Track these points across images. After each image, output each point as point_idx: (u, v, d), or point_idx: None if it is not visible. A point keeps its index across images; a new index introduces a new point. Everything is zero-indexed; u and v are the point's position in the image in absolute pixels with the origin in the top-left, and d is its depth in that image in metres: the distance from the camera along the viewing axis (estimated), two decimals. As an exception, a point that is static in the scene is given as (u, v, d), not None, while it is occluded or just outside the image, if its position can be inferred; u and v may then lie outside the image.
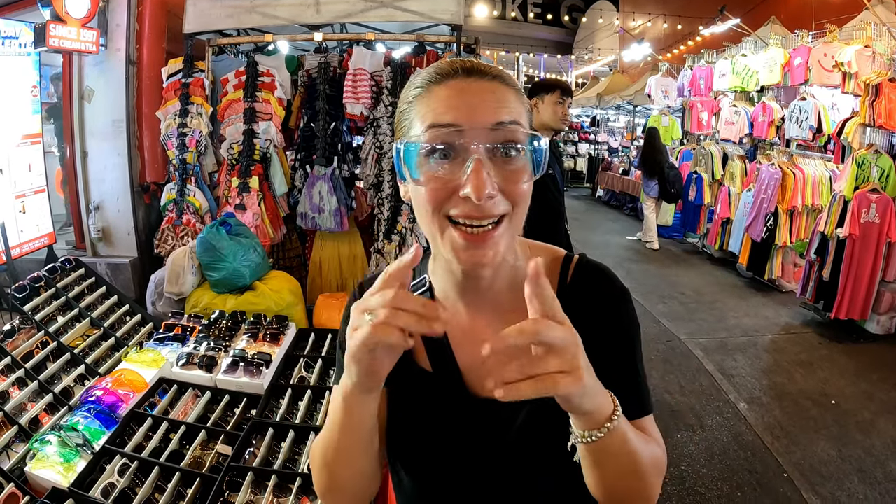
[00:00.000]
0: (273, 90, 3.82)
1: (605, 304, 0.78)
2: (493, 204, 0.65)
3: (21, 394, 1.98)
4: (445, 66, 0.69)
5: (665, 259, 7.10)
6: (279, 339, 2.44)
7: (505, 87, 0.69)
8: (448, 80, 0.68)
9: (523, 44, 17.63)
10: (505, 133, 0.65)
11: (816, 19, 6.18)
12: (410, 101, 0.70)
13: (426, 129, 0.66)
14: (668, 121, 8.37)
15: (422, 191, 0.67)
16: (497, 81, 0.68)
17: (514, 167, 0.66)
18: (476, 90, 0.67)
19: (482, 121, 0.65)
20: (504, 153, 0.65)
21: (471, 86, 0.67)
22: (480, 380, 0.78)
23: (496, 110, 0.66)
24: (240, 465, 1.65)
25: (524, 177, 0.66)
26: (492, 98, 0.67)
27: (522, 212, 0.69)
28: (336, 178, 3.85)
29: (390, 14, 3.73)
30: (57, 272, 2.71)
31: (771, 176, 5.49)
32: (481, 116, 0.65)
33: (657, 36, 13.13)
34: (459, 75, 0.68)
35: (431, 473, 0.81)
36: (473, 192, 0.62)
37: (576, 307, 0.75)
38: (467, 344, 0.79)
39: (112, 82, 3.92)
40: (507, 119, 0.66)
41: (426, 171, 0.66)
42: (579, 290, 0.78)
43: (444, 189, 0.65)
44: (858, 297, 4.35)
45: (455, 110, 0.65)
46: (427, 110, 0.67)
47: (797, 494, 2.66)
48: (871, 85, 4.19)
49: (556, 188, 2.74)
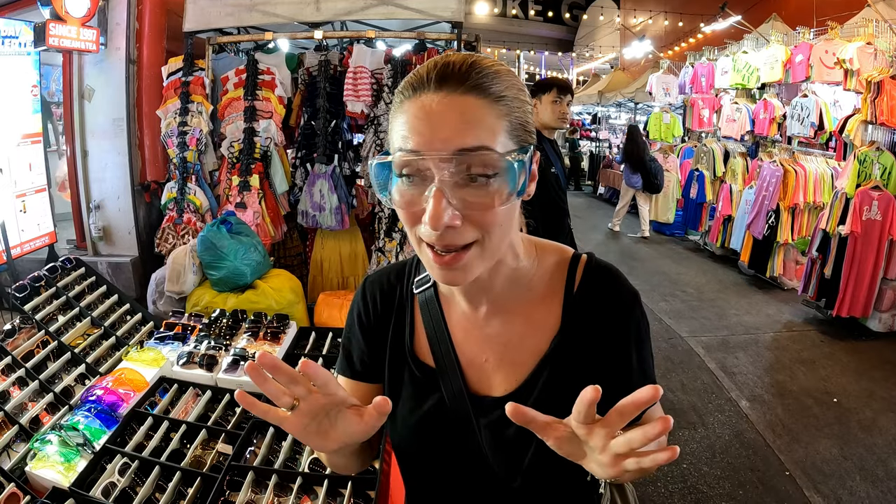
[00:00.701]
0: (273, 88, 3.82)
1: (614, 308, 0.77)
2: (455, 233, 0.62)
3: (22, 393, 1.98)
4: (422, 74, 0.64)
5: (667, 257, 7.09)
6: (280, 338, 2.44)
7: (479, 102, 0.62)
8: (419, 93, 0.63)
9: (524, 41, 17.62)
10: (469, 160, 0.60)
11: (818, 16, 6.16)
12: (393, 113, 0.68)
13: (394, 153, 0.64)
14: (670, 118, 8.35)
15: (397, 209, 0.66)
16: (472, 95, 0.62)
17: (483, 193, 0.61)
18: (442, 109, 0.61)
19: (442, 147, 0.60)
20: (472, 179, 0.61)
21: (439, 103, 0.62)
22: (480, 376, 0.79)
23: (460, 134, 0.60)
24: (240, 464, 1.65)
25: (496, 202, 0.62)
26: (457, 119, 0.61)
27: (498, 235, 0.66)
28: (337, 176, 3.84)
29: (391, 11, 3.72)
30: (57, 271, 2.71)
31: (772, 173, 5.48)
32: (442, 142, 0.60)
33: (658, 33, 13.11)
34: (431, 88, 0.62)
35: (432, 465, 0.82)
36: (430, 222, 0.60)
37: (585, 311, 0.77)
38: (468, 341, 0.79)
39: (112, 81, 3.92)
40: (472, 144, 0.60)
41: (396, 192, 0.64)
42: (588, 294, 0.78)
43: (412, 213, 0.64)
44: (860, 295, 4.34)
45: (418, 135, 0.61)
46: (397, 130, 0.64)
47: (799, 492, 2.66)
48: (872, 82, 4.17)
49: (559, 186, 2.74)
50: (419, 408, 0.80)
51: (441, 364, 0.79)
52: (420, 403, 0.80)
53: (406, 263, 0.88)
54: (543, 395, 0.75)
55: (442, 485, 0.83)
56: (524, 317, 0.78)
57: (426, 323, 0.81)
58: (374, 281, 0.87)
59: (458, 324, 0.80)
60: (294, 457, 1.74)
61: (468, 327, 0.79)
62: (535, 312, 0.78)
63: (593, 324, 0.76)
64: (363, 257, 4.14)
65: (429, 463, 0.83)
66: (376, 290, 0.86)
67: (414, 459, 0.85)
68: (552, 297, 0.78)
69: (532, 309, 0.78)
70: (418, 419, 0.80)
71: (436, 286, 0.82)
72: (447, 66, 0.63)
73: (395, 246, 3.69)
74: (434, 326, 0.80)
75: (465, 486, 0.80)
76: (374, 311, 0.85)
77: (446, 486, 0.82)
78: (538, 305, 0.78)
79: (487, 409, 0.77)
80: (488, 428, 0.77)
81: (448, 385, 0.78)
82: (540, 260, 0.80)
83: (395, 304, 0.84)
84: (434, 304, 0.81)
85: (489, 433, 0.77)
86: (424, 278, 0.83)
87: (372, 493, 1.55)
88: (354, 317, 0.87)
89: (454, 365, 0.78)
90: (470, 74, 0.63)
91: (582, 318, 0.76)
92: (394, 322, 0.84)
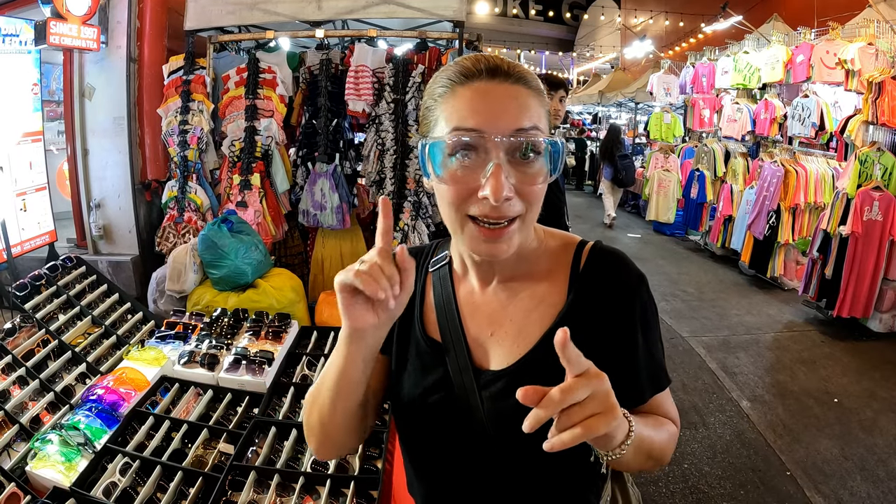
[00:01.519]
0: (274, 87, 3.81)
1: (620, 289, 0.79)
2: (508, 205, 0.68)
3: (22, 393, 1.97)
4: (469, 66, 0.70)
5: (667, 257, 7.09)
6: (281, 337, 2.43)
7: (527, 91, 0.70)
8: (472, 81, 0.70)
9: (525, 41, 17.63)
10: (524, 138, 0.67)
11: (819, 16, 6.17)
12: (436, 99, 0.72)
13: (450, 131, 0.68)
14: (671, 118, 8.34)
15: (444, 188, 0.70)
16: (520, 85, 0.70)
17: (531, 170, 0.69)
18: (499, 95, 0.68)
19: (503, 126, 0.67)
20: (522, 156, 0.68)
21: (494, 89, 0.69)
22: (484, 350, 0.81)
23: (517, 116, 0.68)
24: (242, 464, 1.64)
25: (540, 179, 0.70)
26: (514, 104, 0.68)
27: (536, 210, 0.72)
28: (338, 176, 3.84)
29: (392, 10, 3.71)
30: (58, 270, 2.70)
31: (773, 173, 5.47)
32: (503, 122, 0.67)
33: (659, 33, 13.11)
34: (483, 77, 0.69)
35: (435, 438, 0.84)
36: (492, 195, 0.66)
37: (590, 290, 0.79)
38: (475, 316, 0.83)
39: (113, 80, 3.92)
40: (527, 125, 0.68)
41: (449, 171, 0.69)
42: (593, 275, 0.80)
43: (465, 189, 0.69)
44: (861, 295, 4.34)
45: (478, 115, 0.67)
46: (451, 111, 0.69)
47: (800, 492, 2.66)
48: (874, 82, 4.17)
49: (557, 187, 2.75)
50: (424, 380, 0.83)
51: (447, 338, 0.82)
52: (425, 376, 0.83)
53: (426, 246, 0.93)
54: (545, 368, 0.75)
55: (444, 458, 0.84)
56: (529, 292, 0.81)
57: (437, 298, 0.85)
58: None
59: (467, 300, 0.84)
60: (296, 456, 1.74)
61: (476, 303, 0.83)
62: (539, 288, 0.81)
63: (598, 303, 0.78)
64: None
65: (432, 436, 0.84)
66: None
67: (417, 432, 0.86)
68: (557, 274, 0.81)
69: (536, 285, 0.82)
70: (423, 391, 0.83)
71: (450, 265, 0.86)
72: (492, 61, 0.70)
73: (396, 245, 3.68)
74: (444, 302, 0.84)
75: (468, 460, 0.81)
76: None
77: (449, 460, 0.84)
78: (542, 281, 0.82)
79: (490, 382, 0.79)
80: (490, 401, 0.79)
81: (454, 359, 0.81)
82: (546, 241, 0.84)
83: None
84: (447, 280, 0.85)
85: (491, 406, 0.78)
86: (442, 258, 0.88)
87: (374, 492, 1.54)
88: None
89: (461, 339, 0.81)
90: (514, 70, 0.71)
91: (587, 297, 0.79)
92: None
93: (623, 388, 0.80)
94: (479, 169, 0.67)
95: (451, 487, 0.85)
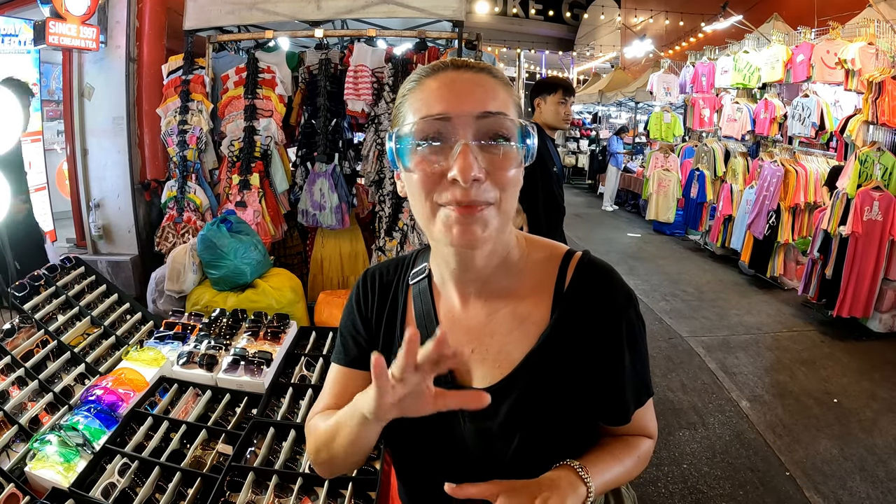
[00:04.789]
0: (274, 87, 3.81)
1: (607, 308, 0.77)
2: (480, 189, 0.67)
3: (21, 393, 1.97)
4: (437, 62, 0.73)
5: (667, 256, 7.08)
6: (280, 338, 2.43)
7: (493, 80, 0.71)
8: (439, 73, 0.71)
9: (525, 40, 17.59)
10: (492, 121, 0.67)
11: (819, 16, 6.15)
12: (405, 95, 0.73)
13: (418, 120, 0.68)
14: (671, 117, 8.33)
15: (414, 178, 0.69)
16: (485, 74, 0.71)
17: (501, 154, 0.68)
18: (465, 80, 0.69)
19: (470, 109, 0.67)
20: (492, 140, 0.68)
21: (460, 76, 0.70)
22: (467, 369, 0.80)
23: (483, 100, 0.68)
24: (241, 464, 1.64)
25: (511, 164, 0.68)
26: (480, 89, 0.69)
27: (511, 197, 0.70)
28: (337, 175, 3.83)
29: (391, 10, 3.71)
30: (57, 270, 2.69)
31: (773, 173, 5.47)
32: (469, 105, 0.67)
33: (659, 32, 13.08)
34: (449, 69, 0.71)
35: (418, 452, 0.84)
36: (459, 173, 0.64)
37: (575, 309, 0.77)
38: (455, 331, 0.81)
39: (112, 79, 3.91)
40: (493, 109, 0.68)
41: (417, 158, 0.68)
42: (579, 293, 0.77)
43: (434, 174, 0.67)
44: (861, 295, 4.34)
45: (444, 101, 0.68)
46: (419, 103, 0.69)
47: (799, 493, 2.66)
48: (874, 82, 4.17)
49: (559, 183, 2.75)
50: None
51: None
52: None
53: (404, 258, 0.91)
54: (527, 390, 0.75)
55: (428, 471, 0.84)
56: (510, 308, 0.79)
57: (417, 313, 0.84)
58: (373, 272, 0.91)
59: (446, 315, 0.82)
60: (294, 457, 1.74)
61: (456, 319, 0.81)
62: (521, 306, 0.79)
63: (584, 323, 0.76)
64: (363, 256, 4.13)
65: (415, 450, 0.84)
66: (374, 281, 0.89)
67: (401, 446, 0.86)
68: (541, 291, 0.79)
69: (518, 302, 0.79)
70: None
71: (430, 278, 0.84)
72: (456, 59, 0.73)
73: (396, 245, 3.68)
74: (424, 316, 0.82)
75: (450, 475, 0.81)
76: (371, 301, 0.88)
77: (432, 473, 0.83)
78: (524, 299, 0.79)
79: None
80: (472, 420, 0.78)
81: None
82: (529, 253, 0.82)
83: (391, 295, 0.87)
84: (427, 294, 0.83)
85: (472, 426, 0.78)
86: (421, 270, 0.85)
87: (373, 493, 1.54)
88: (353, 304, 0.90)
89: None
90: (478, 63, 0.73)
91: (572, 316, 0.76)
92: (388, 312, 0.87)
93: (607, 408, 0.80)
94: (447, 153, 0.67)
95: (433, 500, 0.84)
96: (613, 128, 12.74)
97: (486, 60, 3.98)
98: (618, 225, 8.99)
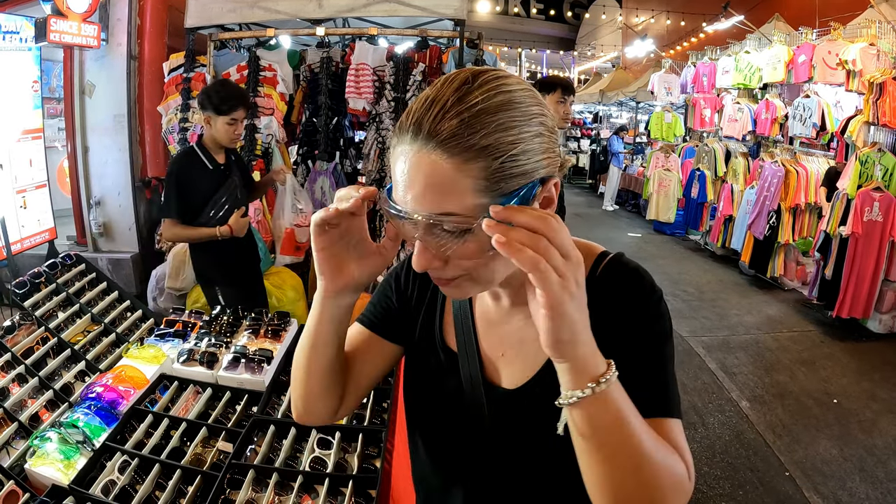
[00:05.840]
0: (275, 85, 3.80)
1: (634, 301, 0.76)
2: (441, 271, 0.66)
3: (21, 390, 1.97)
4: (404, 118, 0.63)
5: (667, 256, 7.08)
6: (281, 336, 2.43)
7: (448, 165, 0.59)
8: (400, 139, 0.63)
9: (526, 39, 17.59)
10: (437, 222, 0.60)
11: (820, 17, 6.15)
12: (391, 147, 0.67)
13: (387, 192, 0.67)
14: (671, 117, 8.34)
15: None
16: (439, 152, 0.59)
17: (459, 246, 0.62)
18: (414, 170, 0.61)
19: (416, 207, 0.61)
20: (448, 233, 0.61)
21: (409, 161, 0.61)
22: (495, 367, 0.82)
23: (426, 200, 0.60)
24: (241, 462, 1.64)
25: (474, 254, 0.63)
26: (423, 183, 0.60)
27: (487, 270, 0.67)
28: (338, 174, 3.84)
29: (393, 9, 3.71)
30: (57, 268, 2.69)
31: (774, 173, 5.47)
32: (418, 204, 0.61)
33: (660, 32, 13.09)
34: (407, 138, 0.61)
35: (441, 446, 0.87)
36: (414, 266, 0.65)
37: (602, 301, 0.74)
38: (489, 334, 0.83)
39: (113, 77, 3.91)
40: (437, 210, 0.60)
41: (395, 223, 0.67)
42: (607, 284, 0.77)
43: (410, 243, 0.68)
44: (861, 296, 4.34)
45: (399, 188, 0.63)
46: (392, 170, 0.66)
47: (799, 493, 2.66)
48: (875, 83, 4.17)
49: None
50: (439, 387, 0.85)
51: (462, 351, 0.83)
52: (441, 383, 0.85)
53: None
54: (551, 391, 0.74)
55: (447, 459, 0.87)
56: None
57: (455, 311, 0.86)
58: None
59: (483, 316, 0.84)
60: (295, 455, 1.73)
61: (491, 321, 0.83)
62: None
63: (610, 314, 0.74)
64: (364, 255, 4.12)
65: (438, 439, 0.87)
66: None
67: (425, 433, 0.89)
68: None
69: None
70: (436, 397, 0.86)
71: None
72: (431, 107, 0.60)
73: (396, 244, 3.68)
74: (462, 316, 0.84)
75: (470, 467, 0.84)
76: (414, 283, 0.91)
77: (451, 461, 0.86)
78: None
79: (498, 399, 0.80)
80: (496, 417, 0.80)
81: (467, 371, 0.82)
82: None
83: (431, 286, 0.89)
84: None
85: (496, 422, 0.80)
86: None
87: (373, 492, 1.54)
88: (392, 279, 0.93)
89: (475, 354, 0.82)
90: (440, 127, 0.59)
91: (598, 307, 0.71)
92: (427, 303, 0.89)
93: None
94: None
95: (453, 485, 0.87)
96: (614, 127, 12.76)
97: (487, 60, 3.97)
98: (618, 225, 8.99)
